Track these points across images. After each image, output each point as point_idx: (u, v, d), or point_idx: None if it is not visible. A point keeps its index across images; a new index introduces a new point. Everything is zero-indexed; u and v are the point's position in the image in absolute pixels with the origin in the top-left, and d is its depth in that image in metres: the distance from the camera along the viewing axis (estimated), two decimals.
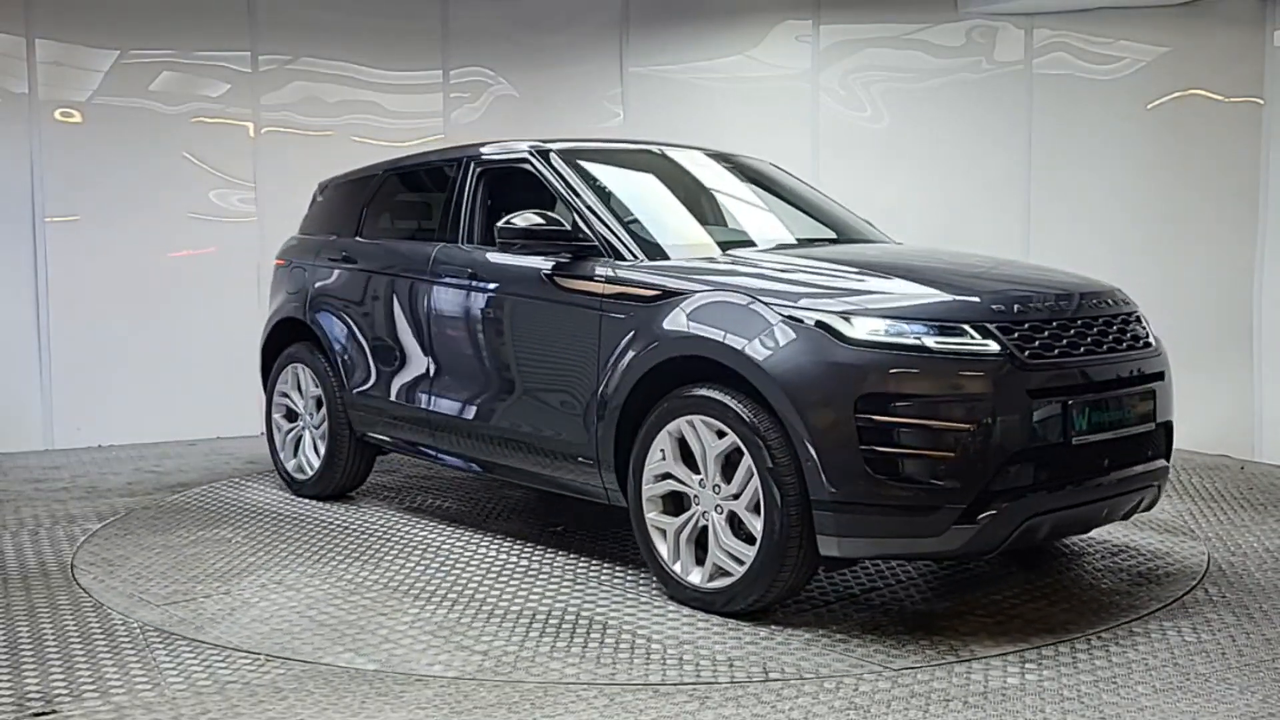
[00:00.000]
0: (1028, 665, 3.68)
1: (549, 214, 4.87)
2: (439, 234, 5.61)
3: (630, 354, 4.47)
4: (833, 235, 5.45)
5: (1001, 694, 3.44)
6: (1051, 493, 3.96)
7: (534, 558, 5.01)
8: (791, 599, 4.25)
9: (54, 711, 3.36)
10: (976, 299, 4.08)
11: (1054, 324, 4.10)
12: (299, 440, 6.34)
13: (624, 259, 4.69)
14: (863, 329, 3.93)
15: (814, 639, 3.94)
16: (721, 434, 4.13)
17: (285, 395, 6.41)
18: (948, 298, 4.07)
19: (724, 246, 4.88)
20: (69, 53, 7.92)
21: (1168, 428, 4.50)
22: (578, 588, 4.58)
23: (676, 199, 5.44)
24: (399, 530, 5.49)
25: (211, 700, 3.43)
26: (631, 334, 4.50)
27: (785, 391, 3.94)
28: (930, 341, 3.88)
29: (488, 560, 4.98)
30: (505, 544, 5.23)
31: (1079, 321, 4.19)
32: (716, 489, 4.18)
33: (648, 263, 4.65)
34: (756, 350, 4.05)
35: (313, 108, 8.54)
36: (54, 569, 4.89)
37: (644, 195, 5.39)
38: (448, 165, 5.77)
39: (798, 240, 5.27)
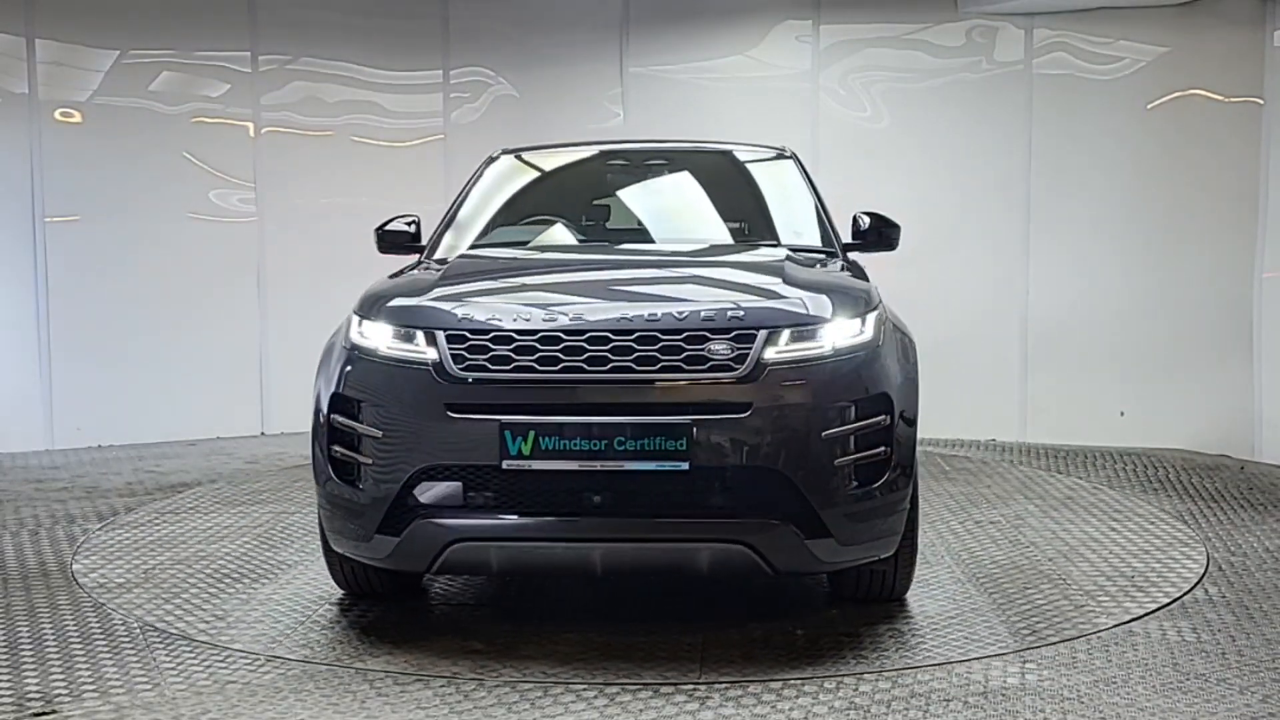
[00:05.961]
0: (1028, 665, 3.68)
1: (410, 219, 5.08)
2: None
3: None
4: (715, 240, 5.07)
5: (1001, 694, 3.44)
6: (485, 520, 3.69)
7: None
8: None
9: (54, 711, 3.36)
10: (445, 307, 3.92)
11: (535, 337, 3.69)
12: None
13: (432, 258, 4.92)
14: (363, 331, 3.98)
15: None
16: None
17: None
18: (423, 305, 3.98)
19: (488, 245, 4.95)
20: (69, 53, 7.93)
21: (761, 474, 3.65)
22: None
23: (559, 201, 5.48)
24: None
25: (211, 700, 3.43)
26: None
27: (315, 386, 4.11)
28: (381, 346, 3.88)
29: None
30: None
31: (585, 335, 3.69)
32: None
33: (428, 260, 4.87)
34: (332, 343, 4.19)
35: (313, 108, 8.54)
36: (54, 569, 4.89)
37: (520, 200, 5.44)
38: None
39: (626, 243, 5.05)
